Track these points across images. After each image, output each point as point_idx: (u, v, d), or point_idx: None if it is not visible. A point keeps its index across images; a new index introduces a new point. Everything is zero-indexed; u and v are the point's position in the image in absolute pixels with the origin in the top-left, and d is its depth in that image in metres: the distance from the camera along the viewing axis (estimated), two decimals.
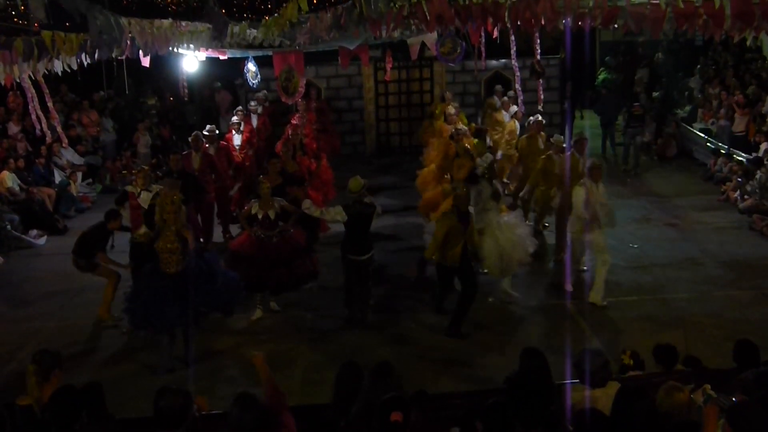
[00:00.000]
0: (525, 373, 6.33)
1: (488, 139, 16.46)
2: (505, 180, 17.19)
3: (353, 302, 11.76)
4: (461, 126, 16.48)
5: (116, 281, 12.25)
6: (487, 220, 12.02)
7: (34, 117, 14.26)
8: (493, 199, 12.24)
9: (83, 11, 9.71)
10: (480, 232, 11.77)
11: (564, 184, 13.48)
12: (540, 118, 15.49)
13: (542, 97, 18.21)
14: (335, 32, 11.61)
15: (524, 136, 16.20)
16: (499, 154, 17.41)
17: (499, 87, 20.55)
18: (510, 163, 17.53)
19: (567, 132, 21.63)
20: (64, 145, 18.46)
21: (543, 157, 14.26)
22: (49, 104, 14.36)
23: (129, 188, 12.76)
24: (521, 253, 12.04)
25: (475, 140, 15.03)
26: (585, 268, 13.07)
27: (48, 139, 16.25)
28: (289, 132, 15.78)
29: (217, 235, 15.41)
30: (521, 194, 14.96)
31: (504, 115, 18.65)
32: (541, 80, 18.23)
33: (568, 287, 12.71)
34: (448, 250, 10.95)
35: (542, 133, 15.37)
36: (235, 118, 17.26)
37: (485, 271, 12.37)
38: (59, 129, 15.20)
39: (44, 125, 14.26)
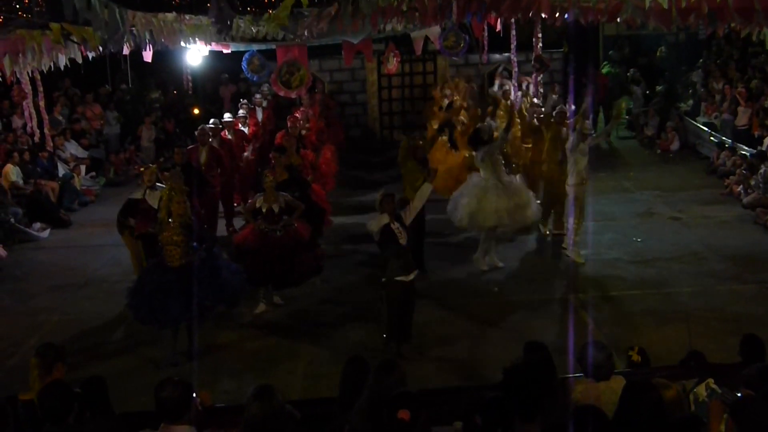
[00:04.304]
0: (527, 366, 6.32)
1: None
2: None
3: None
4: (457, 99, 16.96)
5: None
6: (495, 175, 13.01)
7: (27, 114, 14.31)
8: (500, 154, 13.25)
9: (83, 5, 9.69)
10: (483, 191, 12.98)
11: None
12: (563, 108, 15.32)
13: (541, 91, 18.27)
14: (334, 26, 11.59)
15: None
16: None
17: (505, 73, 20.58)
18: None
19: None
20: (48, 147, 18.44)
21: (548, 125, 14.92)
22: (41, 103, 14.40)
23: (137, 195, 12.60)
24: (522, 215, 13.19)
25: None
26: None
27: (36, 138, 16.31)
28: (289, 125, 15.78)
29: (221, 228, 15.44)
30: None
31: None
32: (541, 74, 18.27)
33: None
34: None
35: (566, 121, 14.89)
36: (241, 112, 17.27)
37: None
38: (46, 130, 15.22)
39: (34, 124, 14.32)
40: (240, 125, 16.86)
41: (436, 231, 14.20)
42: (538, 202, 14.26)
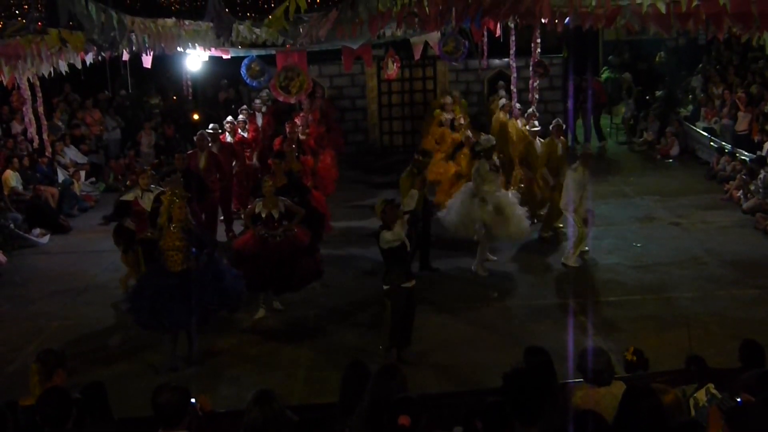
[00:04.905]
0: (528, 370, 6.32)
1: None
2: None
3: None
4: (459, 117, 17.31)
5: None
6: (486, 190, 13.30)
7: (26, 120, 14.29)
8: (492, 172, 13.39)
9: (80, 10, 9.69)
10: (470, 200, 13.41)
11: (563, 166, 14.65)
12: (559, 121, 15.42)
13: (536, 96, 18.28)
14: (333, 32, 11.59)
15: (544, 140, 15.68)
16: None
17: (501, 83, 20.64)
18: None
19: (570, 129, 21.63)
20: (47, 153, 18.42)
21: (545, 141, 15.24)
22: (40, 109, 14.40)
23: (128, 197, 12.69)
24: (514, 227, 13.48)
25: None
26: (561, 225, 15.08)
27: (35, 144, 16.30)
28: (287, 130, 15.78)
29: (221, 234, 15.42)
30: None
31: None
32: (540, 79, 18.28)
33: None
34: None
35: (562, 138, 15.32)
36: (241, 117, 17.28)
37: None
38: (45, 136, 15.19)
39: (33, 130, 14.30)
40: (240, 130, 16.86)
41: (435, 235, 14.18)
42: (534, 220, 14.84)
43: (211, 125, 16.05)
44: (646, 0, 8.65)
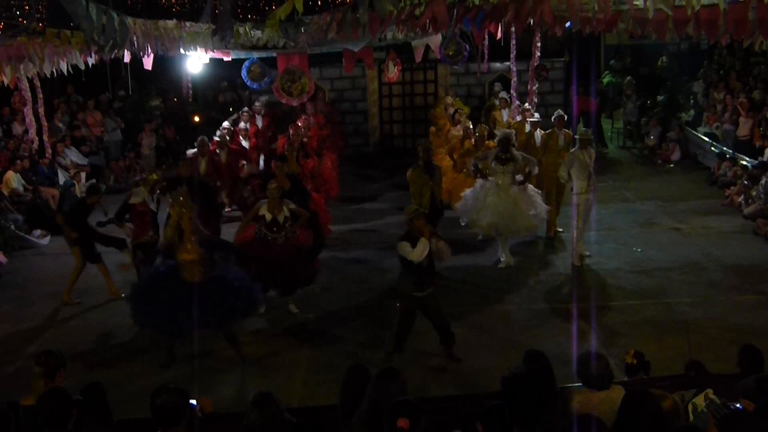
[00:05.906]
0: (527, 375, 6.31)
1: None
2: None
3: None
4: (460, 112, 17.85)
5: (81, 269, 12.98)
6: (495, 179, 13.74)
7: (27, 121, 14.31)
8: (498, 163, 13.64)
9: (81, 12, 9.70)
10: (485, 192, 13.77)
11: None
12: (561, 113, 15.49)
13: (535, 101, 18.34)
14: (335, 34, 11.59)
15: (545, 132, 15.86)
16: None
17: (498, 85, 20.67)
18: None
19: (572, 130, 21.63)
20: (47, 154, 18.42)
21: (548, 131, 15.43)
22: (41, 110, 14.40)
23: (135, 200, 12.76)
24: (522, 222, 13.75)
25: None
26: (560, 230, 15.29)
27: (35, 145, 16.31)
28: (290, 132, 15.78)
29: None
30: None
31: (503, 113, 18.89)
32: (536, 84, 18.36)
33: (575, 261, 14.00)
34: (421, 198, 12.89)
35: (565, 129, 15.32)
36: (242, 124, 17.27)
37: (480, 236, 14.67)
38: (45, 137, 15.20)
39: (34, 131, 14.33)
40: (242, 138, 16.84)
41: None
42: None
43: (218, 132, 16.02)
44: (650, 4, 8.64)
